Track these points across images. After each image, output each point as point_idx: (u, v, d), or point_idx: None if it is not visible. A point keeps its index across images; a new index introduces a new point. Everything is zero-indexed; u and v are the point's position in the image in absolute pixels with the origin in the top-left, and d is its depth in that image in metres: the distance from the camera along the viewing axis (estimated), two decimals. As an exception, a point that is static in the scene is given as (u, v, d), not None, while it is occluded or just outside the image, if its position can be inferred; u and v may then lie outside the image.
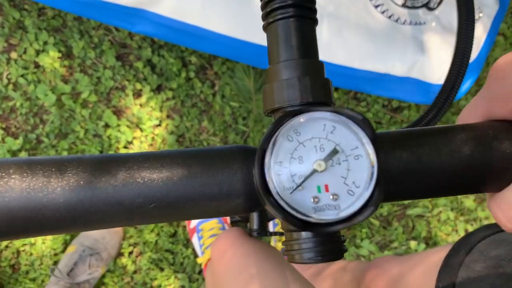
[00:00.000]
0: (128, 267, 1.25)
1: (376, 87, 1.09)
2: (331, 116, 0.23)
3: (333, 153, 0.23)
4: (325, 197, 0.23)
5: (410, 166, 0.24)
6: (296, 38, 0.24)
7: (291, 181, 0.23)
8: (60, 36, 1.21)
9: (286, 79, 0.24)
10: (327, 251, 0.24)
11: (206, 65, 1.23)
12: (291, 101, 0.24)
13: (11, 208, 0.21)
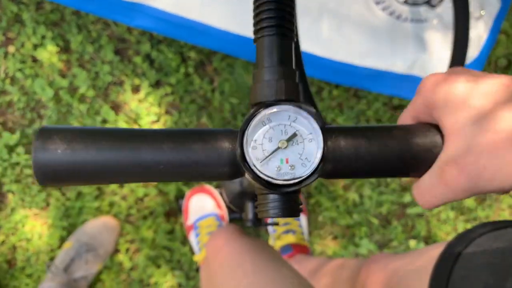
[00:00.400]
0: (125, 264, 1.24)
1: (377, 84, 1.08)
2: (294, 109, 0.32)
3: (293, 136, 0.32)
4: (285, 167, 0.32)
5: (350, 151, 0.33)
6: (276, 50, 0.33)
7: (262, 154, 0.32)
8: (58, 30, 1.19)
9: (266, 81, 0.32)
10: (287, 209, 0.32)
11: (205, 60, 1.22)
12: (268, 97, 0.32)
13: (77, 162, 0.31)
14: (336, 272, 0.85)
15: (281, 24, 0.32)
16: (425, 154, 0.33)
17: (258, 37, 0.33)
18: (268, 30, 0.32)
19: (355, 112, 1.25)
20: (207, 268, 0.71)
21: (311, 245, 1.28)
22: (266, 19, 0.32)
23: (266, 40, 0.33)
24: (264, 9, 0.32)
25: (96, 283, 1.24)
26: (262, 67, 0.33)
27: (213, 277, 0.66)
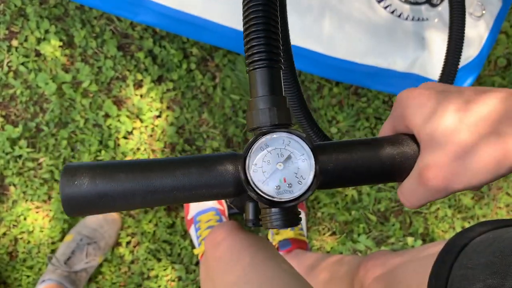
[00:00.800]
0: (125, 257, 1.25)
1: (377, 82, 1.09)
2: (287, 135, 0.36)
3: (288, 158, 0.36)
4: (284, 185, 0.36)
5: (340, 164, 0.38)
6: (268, 81, 0.37)
7: (263, 176, 0.36)
8: (62, 25, 1.20)
9: (261, 109, 0.37)
10: (287, 220, 0.37)
11: (207, 56, 1.23)
12: (264, 123, 0.37)
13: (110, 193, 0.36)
14: (334, 268, 0.86)
15: (270, 57, 0.36)
16: (404, 162, 0.37)
17: (250, 70, 0.37)
18: (259, 63, 0.36)
19: (355, 110, 1.26)
20: (206, 263, 0.72)
21: (310, 240, 1.29)
22: (257, 54, 0.36)
23: (258, 72, 0.37)
24: (253, 44, 0.36)
25: (97, 276, 1.26)
26: (256, 96, 0.37)
27: (211, 271, 0.66)
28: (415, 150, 0.37)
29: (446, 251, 0.54)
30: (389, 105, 1.28)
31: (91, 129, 1.21)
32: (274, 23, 0.37)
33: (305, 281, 0.59)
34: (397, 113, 0.38)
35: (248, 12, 0.37)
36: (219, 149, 1.24)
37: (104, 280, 1.26)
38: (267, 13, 0.36)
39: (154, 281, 1.26)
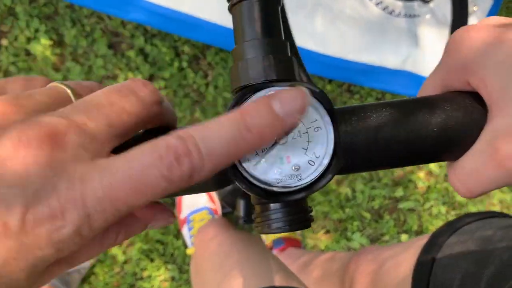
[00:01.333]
0: (118, 257, 1.25)
1: (370, 79, 1.09)
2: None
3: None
4: (287, 168, 0.24)
5: (369, 138, 0.25)
6: (259, 18, 0.25)
7: (255, 154, 0.24)
8: (52, 23, 1.19)
9: (250, 58, 0.25)
10: (294, 220, 0.25)
11: (199, 55, 1.23)
12: (256, 79, 0.25)
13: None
14: (327, 265, 0.86)
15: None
16: (465, 132, 0.25)
17: (234, 3, 0.26)
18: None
19: (348, 107, 1.26)
20: (196, 261, 0.71)
21: (304, 239, 1.28)
22: None
23: (244, 6, 0.26)
24: None
25: (90, 276, 1.25)
26: (243, 41, 0.26)
27: (200, 269, 0.66)
28: (480, 114, 0.25)
29: (431, 242, 0.54)
30: (382, 103, 1.28)
31: (83, 129, 1.20)
32: None
33: (294, 276, 0.59)
34: (452, 62, 0.26)
35: None
36: (212, 147, 1.23)
37: (97, 281, 1.25)
38: None
39: (147, 281, 1.25)
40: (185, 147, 0.20)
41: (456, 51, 0.26)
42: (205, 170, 0.20)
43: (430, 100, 0.26)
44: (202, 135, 0.20)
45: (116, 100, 0.22)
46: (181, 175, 0.20)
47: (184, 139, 0.20)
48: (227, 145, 0.20)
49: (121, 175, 0.19)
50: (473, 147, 0.25)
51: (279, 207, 0.25)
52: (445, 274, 0.49)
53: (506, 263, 0.41)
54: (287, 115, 0.21)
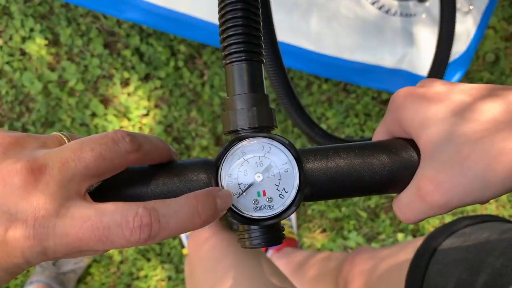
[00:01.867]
0: (114, 257, 1.24)
1: (366, 79, 1.09)
2: (267, 140, 0.31)
3: (269, 167, 0.31)
4: (263, 200, 0.31)
5: (327, 174, 0.32)
6: (246, 77, 0.32)
7: (238, 188, 0.31)
8: (47, 23, 1.19)
9: (238, 109, 0.32)
10: (269, 238, 0.32)
11: (195, 54, 1.22)
12: (241, 126, 0.32)
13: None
14: (322, 264, 0.86)
15: (249, 48, 0.32)
16: (403, 171, 0.32)
17: (226, 63, 0.32)
18: (237, 56, 0.32)
19: (344, 107, 1.26)
20: (190, 262, 0.71)
21: (300, 238, 1.28)
22: (234, 44, 0.32)
23: (235, 67, 0.32)
24: (230, 34, 0.32)
25: (86, 277, 1.24)
26: (233, 94, 0.32)
27: (194, 271, 0.66)
28: (415, 158, 0.32)
29: (425, 247, 0.54)
30: (378, 101, 1.28)
31: (78, 129, 1.20)
32: (254, 11, 0.32)
33: (288, 280, 0.59)
34: (393, 116, 0.33)
35: (224, 1, 0.32)
36: (208, 147, 1.23)
37: (93, 281, 1.25)
38: (246, 1, 0.32)
39: (143, 281, 1.25)
40: (149, 219, 0.25)
41: (397, 108, 0.32)
42: (159, 238, 0.25)
43: (378, 145, 0.33)
44: (164, 212, 0.26)
45: (96, 147, 0.26)
46: (139, 240, 0.25)
47: (150, 211, 0.25)
48: (181, 223, 0.26)
49: (90, 224, 0.24)
50: (409, 184, 0.32)
51: (258, 228, 0.32)
52: (438, 280, 0.49)
53: (498, 272, 0.41)
54: (220, 210, 0.28)
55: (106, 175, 0.27)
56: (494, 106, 0.29)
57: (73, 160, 0.25)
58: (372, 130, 1.27)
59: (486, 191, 0.28)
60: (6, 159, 0.24)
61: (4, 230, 0.23)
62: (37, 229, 0.23)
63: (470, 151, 0.28)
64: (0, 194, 0.24)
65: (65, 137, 0.29)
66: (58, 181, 0.24)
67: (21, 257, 0.24)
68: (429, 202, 0.29)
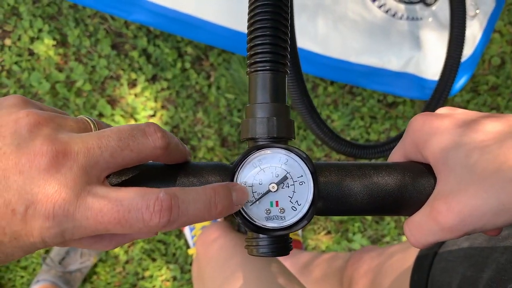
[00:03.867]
0: (120, 257, 1.25)
1: (372, 82, 1.09)
2: (285, 152, 0.32)
3: (284, 178, 0.31)
4: (275, 210, 0.31)
5: (341, 191, 0.32)
6: (270, 87, 0.32)
7: (252, 196, 0.31)
8: (55, 23, 1.20)
9: (258, 118, 0.32)
10: (276, 248, 0.32)
11: (202, 56, 1.23)
12: (260, 135, 0.32)
13: None
14: (327, 264, 0.86)
15: (275, 59, 0.32)
16: (417, 194, 0.32)
17: (251, 71, 0.33)
18: (262, 65, 0.32)
19: (350, 109, 1.26)
20: (197, 262, 0.71)
21: (305, 240, 1.29)
22: (260, 54, 0.32)
23: (259, 76, 0.32)
24: (257, 43, 0.32)
25: (92, 276, 1.25)
26: (255, 102, 0.33)
27: (202, 271, 0.66)
28: (431, 182, 0.32)
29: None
30: (384, 104, 1.28)
31: (85, 129, 1.20)
32: (284, 22, 0.33)
33: (296, 280, 0.59)
34: (411, 140, 0.33)
35: (254, 9, 0.32)
36: (214, 148, 1.23)
37: (99, 281, 1.25)
38: (277, 12, 0.32)
39: (149, 281, 1.25)
40: (170, 203, 0.25)
41: (415, 132, 0.33)
42: (176, 224, 0.26)
43: (394, 166, 0.34)
44: (183, 198, 0.26)
45: (125, 137, 0.26)
46: (158, 224, 0.25)
47: (171, 196, 0.25)
48: (198, 211, 0.27)
49: (110, 207, 0.24)
50: (423, 206, 0.32)
51: (266, 237, 0.32)
52: (443, 277, 0.49)
53: (503, 267, 0.41)
54: (236, 203, 0.29)
55: (129, 166, 0.27)
56: (495, 123, 0.30)
57: (99, 147, 0.25)
58: (377, 133, 1.28)
59: (499, 215, 0.28)
60: (34, 139, 0.25)
61: (24, 209, 0.24)
62: (57, 211, 0.24)
63: (478, 156, 0.28)
64: (25, 174, 0.24)
65: (92, 123, 0.29)
66: (81, 166, 0.25)
67: (39, 236, 0.24)
68: (441, 222, 0.29)
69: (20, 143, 0.24)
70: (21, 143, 0.24)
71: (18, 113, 0.26)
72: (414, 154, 0.34)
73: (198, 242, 0.73)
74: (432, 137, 0.31)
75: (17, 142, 0.24)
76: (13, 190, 0.24)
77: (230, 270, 0.58)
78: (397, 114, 1.28)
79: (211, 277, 0.62)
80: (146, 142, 0.27)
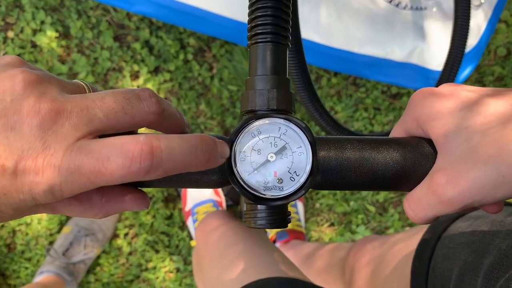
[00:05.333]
0: (123, 249, 1.25)
1: (375, 72, 1.08)
2: (284, 122, 0.31)
3: (282, 149, 0.31)
4: (273, 180, 0.31)
5: (340, 164, 0.32)
6: (270, 58, 0.32)
7: (250, 166, 0.31)
8: (58, 15, 1.19)
9: (258, 89, 0.32)
10: (274, 220, 0.32)
11: (205, 47, 1.22)
12: (260, 107, 0.32)
13: None
14: (330, 254, 0.86)
15: (276, 31, 0.32)
16: (417, 168, 0.32)
17: (252, 43, 0.33)
18: (263, 37, 0.32)
19: (353, 100, 1.26)
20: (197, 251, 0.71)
21: (308, 232, 1.29)
22: (261, 25, 0.32)
23: (260, 47, 0.32)
24: (259, 14, 0.32)
25: (95, 267, 1.26)
26: (255, 74, 0.32)
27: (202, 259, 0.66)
28: (431, 157, 0.32)
29: (430, 232, 0.54)
30: (387, 95, 1.27)
31: (88, 121, 1.21)
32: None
33: (297, 269, 0.59)
34: (410, 115, 0.33)
35: None
36: (216, 140, 1.23)
37: (102, 272, 1.26)
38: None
39: (152, 273, 1.26)
40: (151, 146, 0.24)
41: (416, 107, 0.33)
42: (161, 170, 0.25)
43: (394, 141, 0.33)
44: (168, 143, 0.25)
45: (120, 100, 0.26)
46: (139, 169, 0.24)
47: (151, 139, 0.24)
48: (185, 156, 0.26)
49: (90, 157, 0.24)
50: (423, 180, 0.31)
51: (264, 208, 0.32)
52: (444, 264, 0.49)
53: (504, 253, 0.41)
54: (220, 155, 0.28)
55: (122, 129, 0.27)
56: (499, 102, 0.29)
57: (93, 108, 0.25)
58: (381, 124, 1.27)
59: (499, 188, 0.27)
60: (29, 97, 0.25)
61: (14, 164, 0.24)
62: (45, 166, 0.24)
63: (479, 139, 0.28)
64: (16, 131, 0.24)
65: (87, 87, 0.30)
66: (73, 124, 0.25)
67: (28, 193, 0.24)
68: (440, 195, 0.29)
69: (14, 100, 0.25)
70: (14, 99, 0.25)
71: (14, 70, 0.26)
72: (415, 129, 0.33)
73: (197, 231, 0.73)
74: (434, 120, 0.31)
75: (10, 98, 0.25)
76: (4, 146, 0.24)
77: (231, 257, 0.58)
78: (401, 105, 1.27)
79: (210, 265, 0.62)
80: (141, 106, 0.27)
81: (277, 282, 0.49)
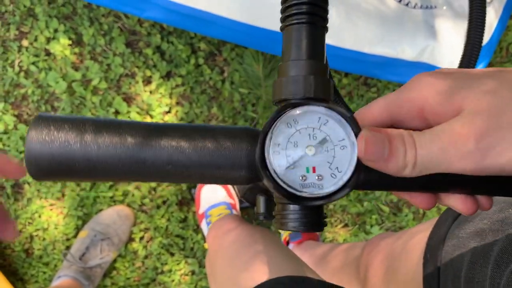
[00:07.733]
0: (139, 252, 1.27)
1: (386, 72, 1.08)
2: (325, 111, 0.27)
3: (323, 141, 0.27)
4: (312, 176, 0.27)
5: None
6: (306, 41, 0.28)
7: (286, 160, 0.27)
8: (70, 23, 1.21)
9: (293, 76, 0.28)
10: (309, 223, 0.28)
11: (215, 51, 1.23)
12: (295, 95, 0.28)
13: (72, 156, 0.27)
14: (345, 254, 0.86)
15: (313, 11, 0.28)
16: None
17: (285, 25, 0.29)
18: (298, 17, 0.28)
19: (365, 101, 1.26)
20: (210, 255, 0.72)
21: (322, 233, 1.29)
22: (296, 5, 0.28)
23: (294, 29, 0.28)
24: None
25: (111, 271, 1.27)
26: (288, 59, 0.28)
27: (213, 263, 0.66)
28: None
29: (440, 224, 0.54)
30: (399, 95, 1.27)
31: (102, 126, 1.22)
32: None
33: (312, 270, 0.59)
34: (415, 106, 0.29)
35: None
36: (229, 143, 1.24)
37: (119, 276, 1.27)
38: None
39: (167, 276, 1.27)
40: None
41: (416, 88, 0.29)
42: None
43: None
44: None
45: None
46: None
47: None
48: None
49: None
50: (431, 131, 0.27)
51: (298, 209, 0.28)
52: (454, 255, 0.49)
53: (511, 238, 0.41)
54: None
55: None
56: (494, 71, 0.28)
57: None
58: (393, 124, 1.27)
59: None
60: None
61: None
62: None
63: (492, 81, 0.26)
64: None
65: None
66: None
67: None
68: (459, 146, 0.25)
69: None
70: None
71: None
72: (409, 120, 0.29)
73: (209, 235, 0.73)
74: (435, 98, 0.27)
75: None
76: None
77: (246, 258, 0.58)
78: (413, 105, 1.26)
79: (222, 268, 0.62)
80: None
81: (288, 280, 0.50)
